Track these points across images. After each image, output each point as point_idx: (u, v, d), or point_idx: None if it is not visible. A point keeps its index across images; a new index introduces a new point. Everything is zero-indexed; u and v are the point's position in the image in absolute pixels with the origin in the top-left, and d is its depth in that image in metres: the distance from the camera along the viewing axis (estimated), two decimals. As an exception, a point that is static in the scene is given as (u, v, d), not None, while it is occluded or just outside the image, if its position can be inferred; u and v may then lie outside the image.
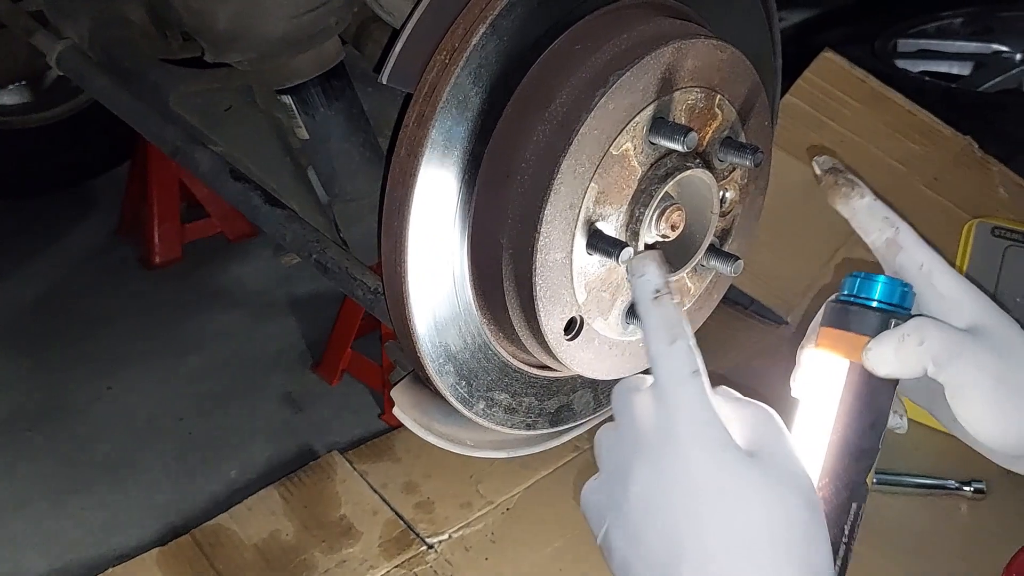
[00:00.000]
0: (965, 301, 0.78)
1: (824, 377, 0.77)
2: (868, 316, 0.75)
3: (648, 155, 0.90)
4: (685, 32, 0.90)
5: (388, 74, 0.83)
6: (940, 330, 0.73)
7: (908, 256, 0.80)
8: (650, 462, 0.65)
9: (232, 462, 1.98)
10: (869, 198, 0.81)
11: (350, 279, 1.14)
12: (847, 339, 0.75)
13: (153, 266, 2.69)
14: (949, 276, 0.79)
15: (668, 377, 0.67)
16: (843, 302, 0.78)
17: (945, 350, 0.73)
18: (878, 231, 0.81)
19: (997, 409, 0.74)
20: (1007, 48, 2.65)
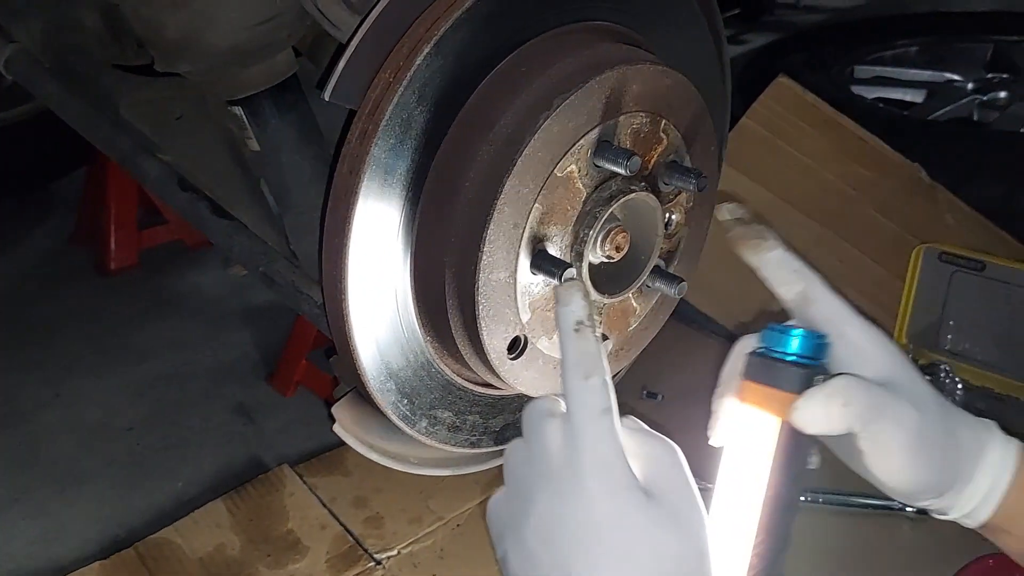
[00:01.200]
0: (876, 353, 0.80)
1: (750, 431, 0.79)
2: (793, 373, 0.76)
3: (593, 177, 0.91)
4: (631, 57, 0.91)
5: (331, 90, 0.83)
6: (863, 391, 0.75)
7: (819, 309, 0.81)
8: (553, 491, 0.67)
9: (180, 473, 1.95)
10: (779, 250, 0.82)
11: (297, 293, 1.13)
12: (775, 396, 0.77)
13: (108, 272, 2.64)
14: (860, 328, 0.81)
15: (579, 412, 0.69)
16: (764, 356, 0.79)
17: (868, 410, 0.75)
18: (788, 284, 0.82)
19: (912, 462, 0.77)
20: (959, 77, 2.71)
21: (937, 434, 0.79)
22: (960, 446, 0.80)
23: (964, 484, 0.80)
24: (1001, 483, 0.80)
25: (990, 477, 0.80)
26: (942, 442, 0.79)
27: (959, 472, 0.80)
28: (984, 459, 0.80)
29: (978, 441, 0.81)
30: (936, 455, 0.78)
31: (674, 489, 0.68)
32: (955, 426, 0.80)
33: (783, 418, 0.76)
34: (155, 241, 2.74)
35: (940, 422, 0.79)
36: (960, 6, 4.45)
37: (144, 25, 1.11)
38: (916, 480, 0.78)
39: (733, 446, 0.81)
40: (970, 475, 0.80)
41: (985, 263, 1.65)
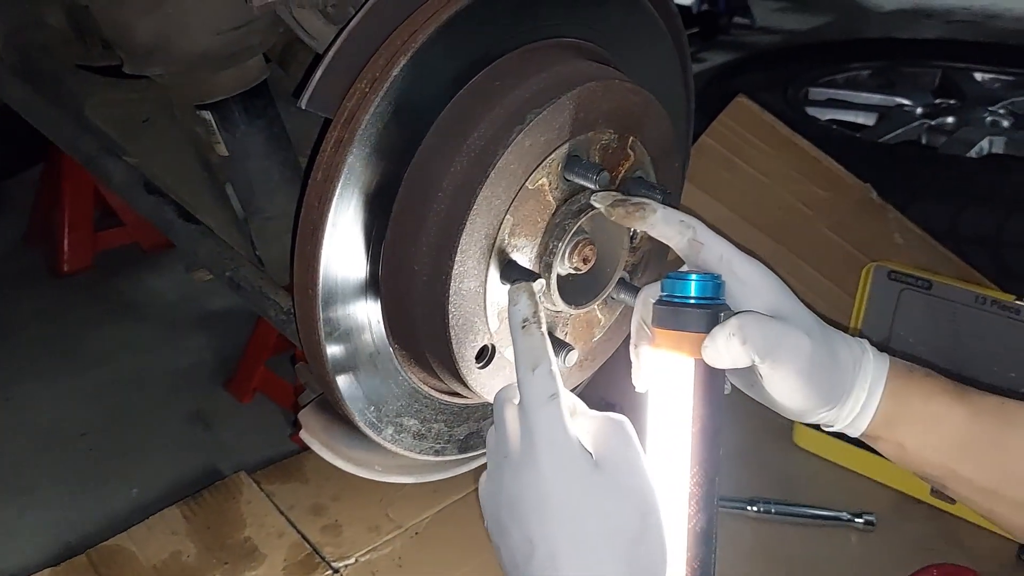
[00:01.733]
0: (764, 286, 0.89)
1: (669, 373, 0.86)
2: (697, 315, 0.84)
3: (563, 190, 0.93)
4: (601, 75, 0.93)
5: (307, 99, 0.84)
6: (760, 326, 0.83)
7: (708, 250, 0.88)
8: (515, 471, 0.78)
9: (134, 480, 1.92)
10: (661, 210, 0.90)
11: (263, 298, 1.13)
12: (684, 338, 0.84)
13: (62, 274, 2.60)
14: (746, 264, 0.89)
15: (529, 400, 0.78)
16: (669, 303, 0.85)
17: (766, 343, 0.83)
18: (679, 234, 0.89)
19: (805, 383, 0.86)
20: (909, 102, 2.79)
21: (824, 357, 0.87)
22: (841, 364, 0.89)
23: (846, 398, 0.90)
24: (875, 394, 0.90)
25: (866, 389, 0.90)
26: (828, 363, 0.88)
27: (842, 388, 0.89)
28: (860, 374, 0.90)
29: (855, 358, 0.91)
30: (824, 375, 0.88)
31: (619, 458, 0.77)
32: (836, 347, 0.90)
33: (696, 356, 0.83)
34: (111, 243, 2.70)
35: (825, 345, 0.88)
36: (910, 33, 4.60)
37: (114, 28, 1.10)
38: (809, 399, 0.88)
39: (656, 390, 0.88)
40: (850, 389, 0.90)
41: (932, 282, 1.70)
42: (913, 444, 0.92)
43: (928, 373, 0.93)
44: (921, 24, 4.91)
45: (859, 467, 1.65)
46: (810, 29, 4.85)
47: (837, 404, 0.90)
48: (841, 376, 0.89)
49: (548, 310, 0.98)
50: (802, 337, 0.86)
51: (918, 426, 0.91)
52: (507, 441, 0.79)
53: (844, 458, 1.66)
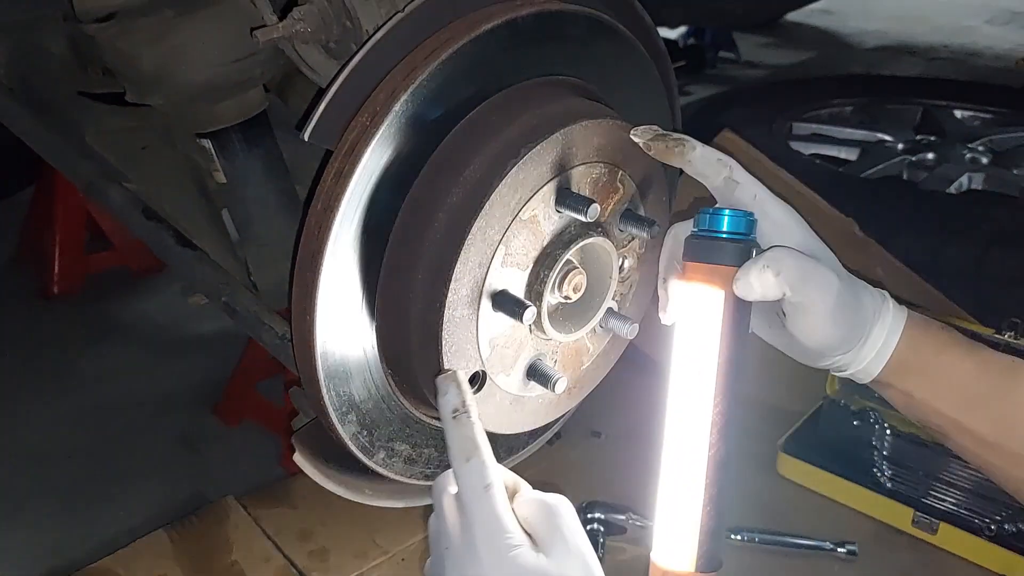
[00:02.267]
0: (795, 227, 0.93)
1: (698, 306, 0.88)
2: (730, 248, 0.87)
3: (554, 222, 0.96)
4: (593, 112, 0.97)
5: (310, 131, 0.87)
6: (792, 259, 0.86)
7: (743, 190, 0.92)
8: (456, 562, 0.79)
9: (121, 503, 1.93)
10: (700, 148, 0.93)
11: (258, 323, 1.15)
12: (716, 271, 0.87)
13: (51, 296, 2.61)
14: (778, 205, 0.93)
15: (465, 491, 0.81)
16: (702, 237, 0.88)
17: (798, 277, 0.86)
18: (715, 173, 0.92)
19: (830, 321, 0.89)
20: (890, 138, 2.85)
21: (849, 296, 0.90)
22: (864, 307, 0.92)
23: (864, 340, 0.92)
24: (891, 341, 0.93)
25: (884, 335, 0.93)
26: (852, 303, 0.91)
27: (862, 329, 0.92)
28: (880, 319, 0.93)
29: (876, 305, 0.94)
30: (848, 315, 0.90)
31: (558, 542, 0.79)
32: (860, 290, 0.93)
33: (726, 289, 0.86)
34: (101, 267, 2.72)
35: (850, 286, 0.91)
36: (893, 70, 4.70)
37: (119, 57, 1.13)
38: (831, 337, 0.90)
39: (684, 321, 0.91)
40: (869, 333, 0.92)
41: (913, 315, 1.74)
42: (921, 393, 0.94)
43: (943, 327, 0.96)
44: (903, 61, 5.02)
45: (842, 497, 1.67)
46: (794, 64, 4.94)
47: (855, 346, 0.92)
48: (863, 317, 0.92)
49: (538, 338, 1.00)
50: (831, 274, 0.88)
51: (928, 375, 0.94)
52: (447, 532, 0.81)
53: (827, 488, 1.68)
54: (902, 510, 1.59)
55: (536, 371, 1.01)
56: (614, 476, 1.69)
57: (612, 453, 1.78)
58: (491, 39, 0.91)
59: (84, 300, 2.63)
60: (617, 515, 1.53)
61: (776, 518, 1.64)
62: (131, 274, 2.74)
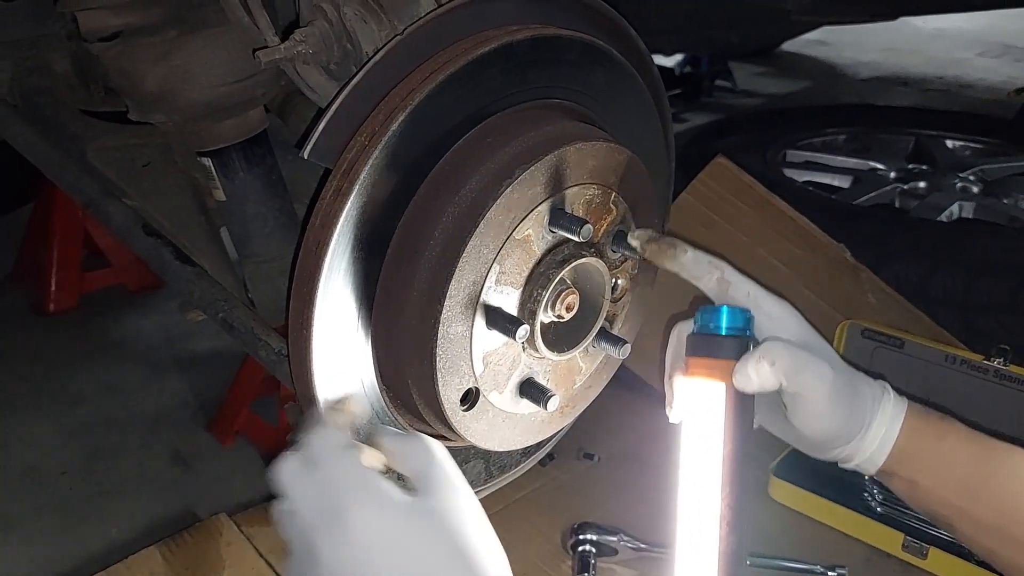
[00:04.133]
0: (790, 321, 0.95)
1: (702, 400, 0.91)
2: (729, 343, 0.90)
3: (548, 241, 0.97)
4: (587, 134, 0.99)
5: (310, 149, 0.88)
6: (786, 350, 0.89)
7: (736, 288, 0.95)
8: (328, 534, 0.72)
9: (113, 520, 1.92)
10: (691, 251, 0.96)
11: (255, 339, 1.16)
12: (717, 365, 0.90)
13: (47, 313, 2.62)
14: (772, 300, 0.95)
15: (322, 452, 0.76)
16: (702, 334, 0.91)
17: (792, 366, 0.88)
18: (707, 274, 0.96)
19: (828, 410, 0.91)
20: (883, 166, 2.87)
21: (846, 387, 0.93)
22: (862, 397, 0.95)
23: (866, 431, 0.95)
24: (893, 430, 0.95)
25: (885, 425, 0.95)
26: (850, 394, 0.93)
27: (862, 421, 0.94)
28: (880, 410, 0.95)
29: (875, 396, 0.96)
30: (846, 405, 0.93)
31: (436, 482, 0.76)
32: (859, 382, 0.95)
33: (727, 382, 0.89)
34: (97, 284, 2.73)
35: (847, 377, 0.94)
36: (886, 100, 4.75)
37: (123, 76, 1.15)
38: (831, 428, 0.93)
39: (690, 417, 0.93)
40: (870, 423, 0.95)
41: (904, 341, 1.75)
42: (926, 481, 0.96)
43: (943, 416, 0.98)
44: (897, 92, 5.08)
45: (833, 521, 1.67)
46: (789, 94, 4.99)
47: (856, 436, 0.94)
48: (861, 408, 0.94)
49: (531, 356, 1.01)
50: (825, 365, 0.91)
51: (931, 464, 0.96)
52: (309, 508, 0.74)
53: (818, 512, 1.69)
54: (892, 534, 1.59)
55: (529, 389, 1.02)
56: (606, 498, 1.69)
57: (605, 475, 1.78)
58: (488, 62, 0.93)
59: (80, 317, 2.64)
60: (609, 537, 1.53)
61: (767, 542, 1.64)
62: (127, 292, 2.75)
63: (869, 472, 0.99)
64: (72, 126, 1.40)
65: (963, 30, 6.16)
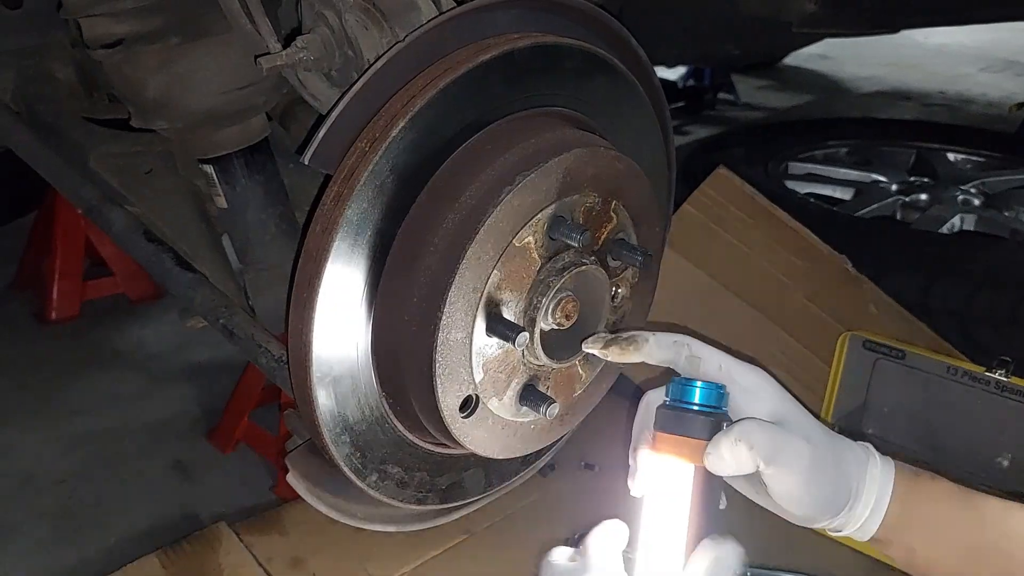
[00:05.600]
0: (762, 391, 0.90)
1: (667, 478, 0.86)
2: (701, 422, 0.85)
3: (548, 249, 0.97)
4: (587, 142, 0.99)
5: (311, 155, 0.88)
6: (763, 432, 0.84)
7: (707, 363, 0.91)
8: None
9: (113, 528, 1.92)
10: (651, 337, 0.93)
11: (255, 346, 1.16)
12: (687, 444, 0.85)
13: (48, 322, 2.62)
14: (746, 371, 0.91)
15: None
16: (672, 408, 0.87)
17: (770, 448, 0.84)
18: (676, 355, 0.91)
19: (809, 489, 0.87)
20: (884, 179, 2.88)
21: (827, 461, 0.88)
22: (847, 469, 0.90)
23: (855, 502, 0.90)
24: (884, 497, 0.91)
25: (875, 493, 0.90)
26: (832, 467, 0.88)
27: (849, 491, 0.89)
28: (867, 477, 0.91)
29: (860, 463, 0.91)
30: (829, 479, 0.88)
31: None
32: (841, 451, 0.90)
33: (696, 463, 0.84)
34: (98, 293, 2.73)
35: (829, 450, 0.89)
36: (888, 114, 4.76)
37: (125, 83, 1.15)
38: (814, 504, 0.88)
39: (653, 494, 0.88)
40: (859, 493, 0.90)
41: (905, 352, 1.74)
42: (923, 548, 0.92)
43: (933, 477, 0.93)
44: (898, 106, 5.09)
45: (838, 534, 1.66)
46: (791, 107, 5.00)
47: (844, 508, 0.89)
48: (845, 481, 0.89)
49: (531, 363, 1.01)
50: (802, 443, 0.86)
51: (928, 530, 0.91)
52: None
53: (819, 523, 1.68)
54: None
55: (529, 396, 1.02)
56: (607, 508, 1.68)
57: (605, 485, 1.77)
58: (489, 70, 0.93)
59: (81, 326, 2.64)
60: (609, 547, 1.52)
61: (770, 553, 1.63)
62: (128, 301, 2.75)
63: (862, 539, 0.94)
64: (74, 133, 1.40)
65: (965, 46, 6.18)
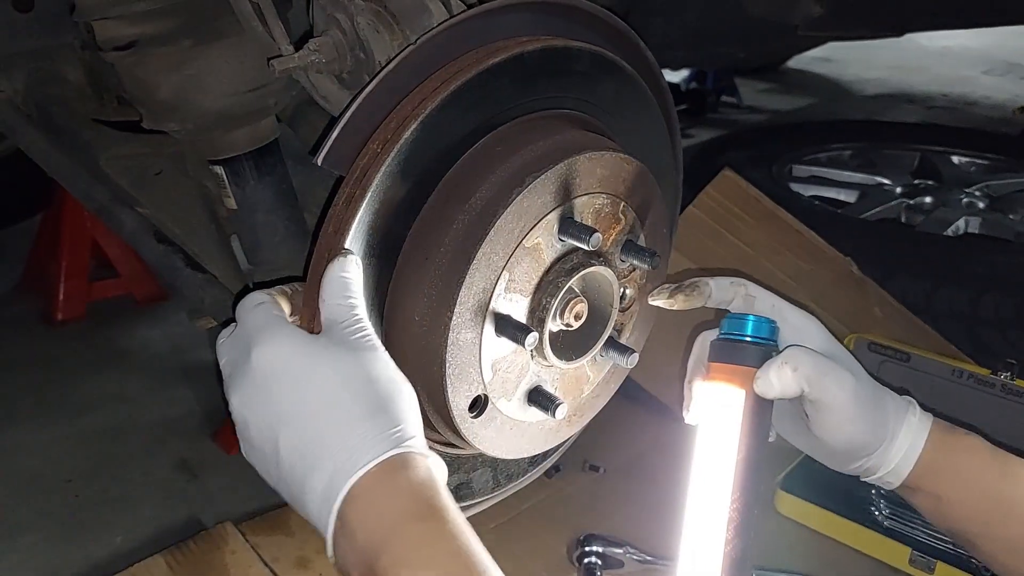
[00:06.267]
0: (814, 332, 0.98)
1: (719, 405, 0.92)
2: (753, 351, 0.92)
3: (557, 250, 0.98)
4: (596, 144, 1.00)
5: (323, 156, 0.89)
6: (809, 357, 0.91)
7: (761, 302, 0.99)
8: (239, 380, 0.79)
9: (119, 528, 1.92)
10: (711, 281, 1.01)
11: (265, 346, 1.17)
12: (739, 372, 0.91)
13: (55, 322, 2.63)
14: (796, 311, 0.99)
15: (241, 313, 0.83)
16: (726, 340, 0.93)
17: (814, 372, 0.90)
18: (733, 294, 0.99)
19: (850, 418, 0.93)
20: (888, 181, 2.88)
21: (868, 397, 0.94)
22: (886, 409, 0.96)
23: (891, 442, 0.95)
24: (918, 443, 0.96)
25: (910, 438, 0.95)
26: (872, 404, 0.94)
27: (886, 432, 0.95)
28: (906, 421, 0.96)
29: (900, 408, 0.97)
30: (868, 414, 0.94)
31: (341, 320, 0.80)
32: (882, 395, 0.97)
33: (747, 389, 0.90)
34: (105, 294, 2.74)
35: (870, 387, 0.95)
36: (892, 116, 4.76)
37: (137, 85, 1.16)
38: (853, 437, 0.94)
39: (706, 420, 0.94)
40: (895, 434, 0.95)
41: (910, 354, 1.75)
42: (950, 495, 0.96)
43: (968, 433, 0.99)
44: (902, 109, 5.09)
45: (840, 535, 1.67)
46: (795, 110, 5.01)
47: (880, 448, 0.95)
48: (884, 419, 0.95)
49: (540, 364, 1.02)
50: (845, 373, 0.92)
51: (957, 480, 0.96)
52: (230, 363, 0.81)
53: (825, 526, 1.68)
54: (900, 549, 1.59)
55: (537, 397, 1.02)
56: (612, 510, 1.69)
57: (611, 487, 1.78)
58: (499, 72, 0.94)
59: (87, 327, 2.65)
60: (615, 549, 1.53)
61: (774, 556, 1.64)
62: (135, 302, 2.76)
63: (892, 485, 0.99)
64: (85, 135, 1.41)
65: (969, 48, 6.19)
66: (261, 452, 0.77)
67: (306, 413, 0.74)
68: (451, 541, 0.71)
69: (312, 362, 0.76)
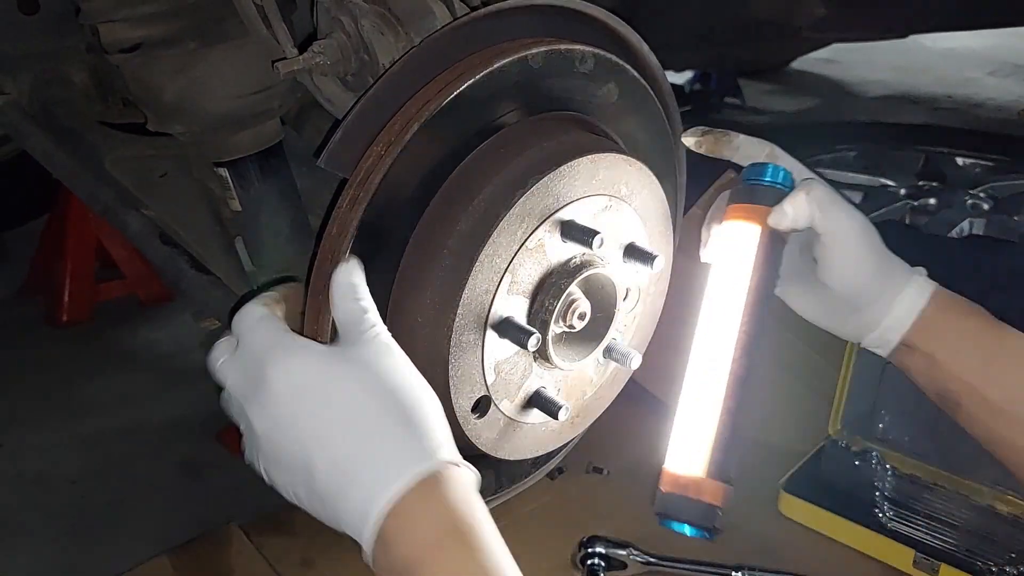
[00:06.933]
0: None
1: (735, 242, 0.99)
2: (769, 192, 0.99)
3: (559, 252, 0.98)
4: (599, 146, 1.00)
5: (326, 158, 0.89)
6: (821, 186, 0.97)
7: (783, 161, 1.05)
8: (255, 401, 0.75)
9: (124, 528, 1.93)
10: (742, 135, 1.07)
11: (268, 347, 1.17)
12: (756, 211, 0.98)
13: (60, 324, 2.64)
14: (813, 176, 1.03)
15: (242, 329, 0.79)
16: (746, 185, 1.00)
17: (826, 200, 0.95)
18: (759, 152, 1.06)
19: (860, 255, 0.97)
20: (893, 183, 2.88)
21: (876, 241, 0.99)
22: (893, 264, 1.00)
23: (895, 294, 0.98)
24: (921, 299, 0.99)
25: (912, 294, 0.99)
26: (880, 250, 0.99)
27: (892, 283, 0.98)
28: (912, 280, 1.00)
29: (907, 268, 1.01)
30: (876, 258, 0.98)
31: (357, 328, 0.78)
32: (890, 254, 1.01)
33: (762, 225, 0.97)
34: (110, 295, 2.76)
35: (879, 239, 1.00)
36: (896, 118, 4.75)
37: (142, 87, 1.17)
38: (860, 276, 0.97)
39: (720, 257, 1.01)
40: (899, 288, 0.99)
41: (913, 356, 1.75)
42: (944, 355, 0.99)
43: (969, 302, 1.02)
44: (906, 110, 5.07)
45: (843, 537, 1.67)
46: (798, 111, 5.00)
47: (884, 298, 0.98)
48: (891, 268, 0.99)
49: (542, 366, 1.02)
50: (856, 211, 0.97)
51: (954, 338, 0.99)
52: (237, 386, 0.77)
53: (828, 528, 1.68)
54: (903, 551, 1.59)
55: (539, 399, 1.02)
56: (616, 512, 1.69)
57: (614, 489, 1.78)
58: (503, 74, 0.94)
59: (93, 328, 2.66)
60: (618, 550, 1.53)
61: (778, 557, 1.64)
62: (140, 303, 2.77)
63: (890, 344, 1.01)
64: (90, 136, 1.42)
65: (973, 50, 6.17)
66: (290, 472, 0.74)
67: (337, 431, 0.73)
68: (483, 563, 0.72)
69: (334, 376, 0.75)
